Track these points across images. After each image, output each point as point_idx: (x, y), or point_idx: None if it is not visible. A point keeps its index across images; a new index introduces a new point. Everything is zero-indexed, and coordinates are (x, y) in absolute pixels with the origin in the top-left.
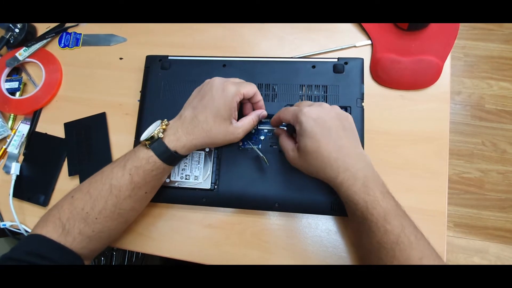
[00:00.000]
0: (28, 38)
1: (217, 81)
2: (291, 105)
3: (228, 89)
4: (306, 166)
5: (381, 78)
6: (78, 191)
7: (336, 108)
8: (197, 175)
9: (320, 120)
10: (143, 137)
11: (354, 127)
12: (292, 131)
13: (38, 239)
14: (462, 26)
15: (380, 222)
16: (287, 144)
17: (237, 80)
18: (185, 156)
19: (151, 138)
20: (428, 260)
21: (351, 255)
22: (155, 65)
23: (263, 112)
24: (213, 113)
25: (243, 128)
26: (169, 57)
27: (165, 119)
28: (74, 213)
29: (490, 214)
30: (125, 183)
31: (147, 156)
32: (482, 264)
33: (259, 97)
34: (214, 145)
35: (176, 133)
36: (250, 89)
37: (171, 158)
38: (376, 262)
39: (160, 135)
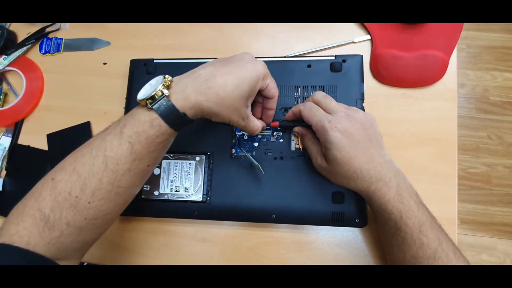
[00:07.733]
0: (8, 45)
1: (248, 55)
2: (292, 106)
3: (259, 66)
4: (335, 176)
5: (382, 76)
6: (60, 171)
7: (358, 114)
8: (188, 186)
9: (348, 133)
10: (141, 95)
11: (378, 132)
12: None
13: (5, 249)
14: None
15: (415, 234)
16: (314, 149)
17: None
18: (192, 121)
19: (153, 98)
20: None
21: None
22: (140, 70)
23: (264, 124)
24: (235, 82)
25: (253, 122)
26: (155, 61)
27: (167, 75)
28: (59, 200)
29: (497, 209)
30: (123, 153)
31: (150, 119)
32: (491, 261)
33: (275, 105)
34: (217, 117)
35: (185, 90)
36: (274, 87)
37: (179, 120)
38: None
39: (165, 91)
